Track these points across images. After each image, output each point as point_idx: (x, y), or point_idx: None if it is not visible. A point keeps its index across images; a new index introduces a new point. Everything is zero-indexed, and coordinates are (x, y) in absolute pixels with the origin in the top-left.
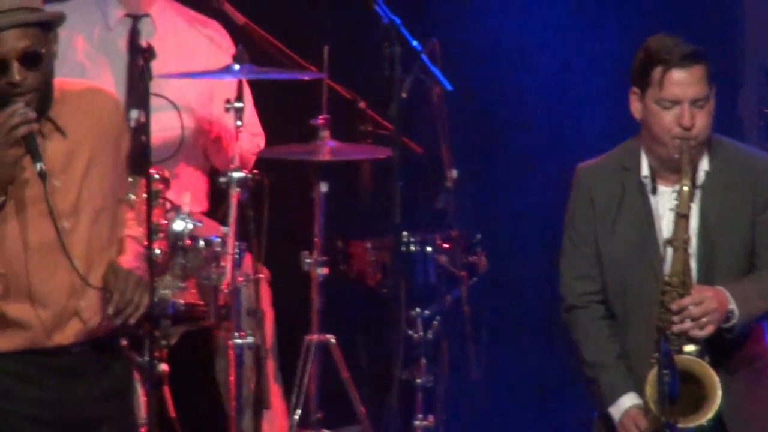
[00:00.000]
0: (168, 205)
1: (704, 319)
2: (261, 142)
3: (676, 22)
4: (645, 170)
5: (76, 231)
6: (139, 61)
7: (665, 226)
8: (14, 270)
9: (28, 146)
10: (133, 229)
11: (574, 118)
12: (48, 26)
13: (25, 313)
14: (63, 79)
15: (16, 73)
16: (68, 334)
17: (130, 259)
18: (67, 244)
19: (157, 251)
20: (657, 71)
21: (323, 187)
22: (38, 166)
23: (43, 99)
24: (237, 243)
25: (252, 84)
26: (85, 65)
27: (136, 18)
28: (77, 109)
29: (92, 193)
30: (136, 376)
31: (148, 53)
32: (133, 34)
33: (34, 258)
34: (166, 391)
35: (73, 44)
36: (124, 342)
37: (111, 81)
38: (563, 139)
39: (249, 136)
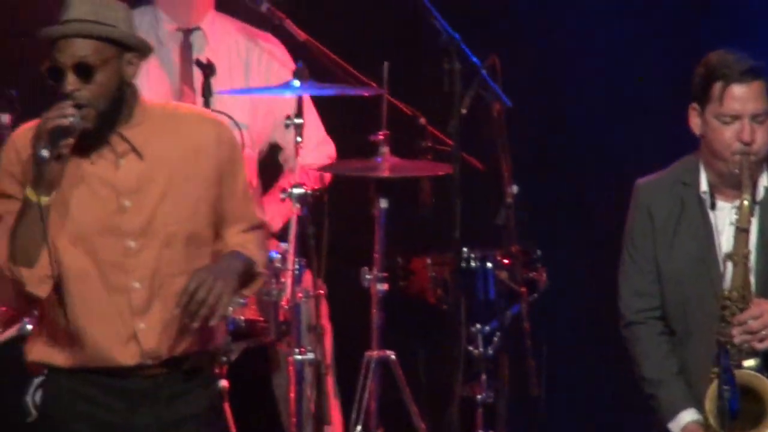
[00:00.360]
0: None
1: (764, 332)
2: (331, 150)
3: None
4: (704, 185)
5: (143, 253)
6: (199, 76)
7: (724, 241)
8: (76, 285)
9: (51, 139)
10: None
11: (634, 133)
12: (123, 46)
13: (83, 329)
14: (170, 103)
15: (69, 83)
16: (127, 356)
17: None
18: (131, 265)
19: None
20: (717, 87)
21: (383, 203)
22: (43, 152)
23: (104, 116)
24: (297, 259)
25: (313, 100)
26: (142, 80)
27: (187, 32)
28: (166, 132)
29: (167, 218)
30: None
31: (209, 69)
32: (185, 49)
33: (96, 274)
34: (226, 407)
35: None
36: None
37: (169, 96)
38: (623, 155)
39: (314, 147)
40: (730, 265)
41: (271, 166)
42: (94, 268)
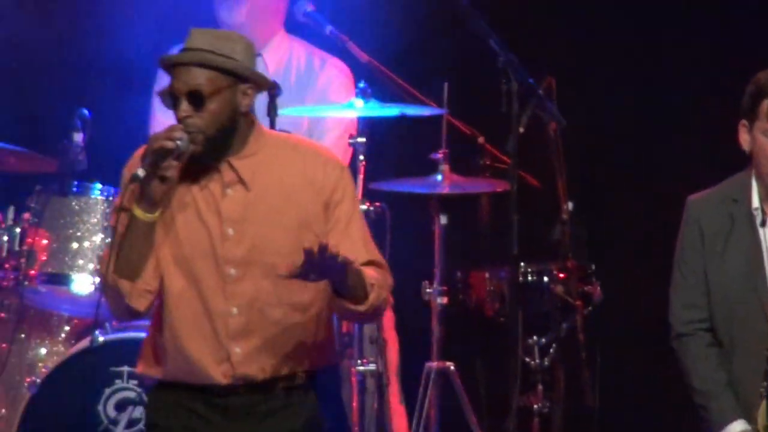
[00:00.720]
0: None
1: None
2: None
3: None
4: (755, 202)
5: (242, 281)
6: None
7: None
8: (177, 304)
9: (153, 159)
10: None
11: (688, 150)
12: (238, 77)
13: (182, 346)
14: (292, 136)
15: (182, 109)
16: (220, 376)
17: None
18: (230, 292)
19: None
20: (765, 104)
21: (443, 219)
22: (139, 171)
23: (213, 143)
24: None
25: (375, 119)
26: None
27: None
28: (277, 164)
29: (267, 249)
30: None
31: (274, 89)
32: None
33: (196, 296)
34: None
35: None
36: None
37: None
38: (676, 171)
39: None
40: None
41: None
42: (195, 291)
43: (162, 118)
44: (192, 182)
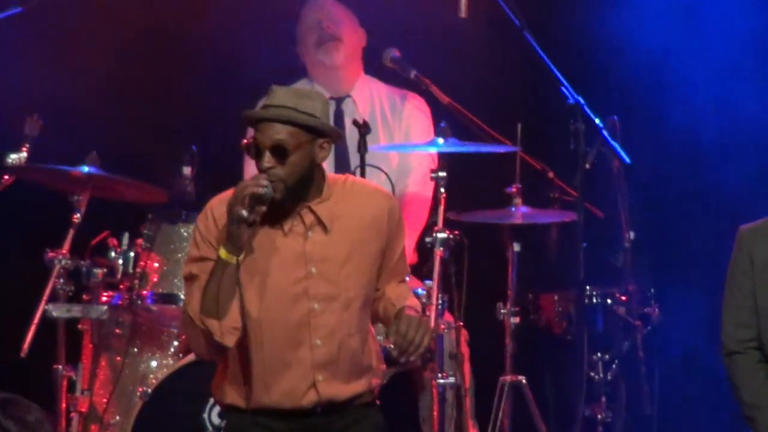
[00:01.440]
0: None
1: None
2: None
3: None
4: None
5: (325, 314)
6: (354, 135)
7: None
8: (267, 338)
9: (248, 203)
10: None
11: (739, 184)
12: (317, 132)
13: (269, 376)
14: (348, 177)
15: (266, 160)
16: (305, 401)
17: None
18: (315, 324)
19: None
20: None
21: (516, 247)
22: (243, 212)
23: (293, 191)
24: (440, 295)
25: (454, 155)
26: None
27: (339, 99)
28: (347, 205)
29: (347, 284)
30: None
31: (365, 128)
32: (338, 115)
33: (284, 330)
34: None
35: None
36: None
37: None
38: (725, 203)
39: (422, 183)
40: None
41: None
42: (283, 325)
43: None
44: (274, 226)
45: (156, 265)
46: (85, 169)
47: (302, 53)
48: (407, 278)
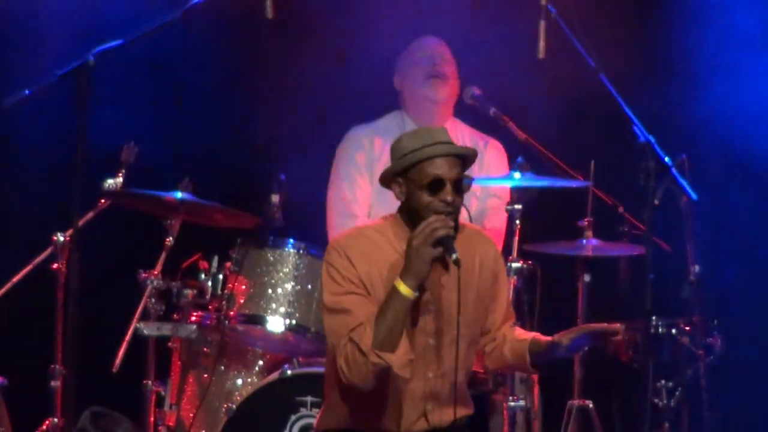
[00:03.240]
0: None
1: None
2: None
3: None
4: None
5: (438, 349)
6: None
7: None
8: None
9: (446, 244)
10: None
11: None
12: (465, 161)
13: (390, 404)
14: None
15: (449, 193)
16: (416, 428)
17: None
18: (429, 359)
19: None
20: None
21: (586, 278)
22: (454, 256)
23: (457, 222)
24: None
25: (530, 189)
26: None
27: None
28: (464, 246)
29: (477, 315)
30: None
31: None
32: None
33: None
34: None
35: (376, 166)
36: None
37: None
38: None
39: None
40: None
41: None
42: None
43: (346, 188)
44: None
45: (243, 287)
46: (179, 195)
47: (402, 82)
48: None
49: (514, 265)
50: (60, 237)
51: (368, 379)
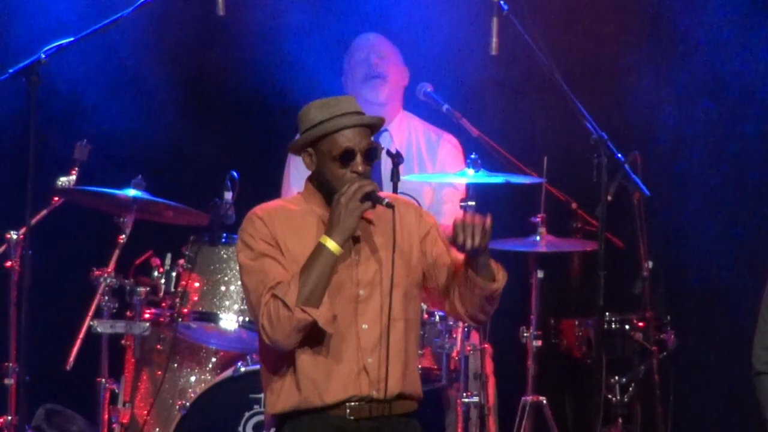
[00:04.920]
0: None
1: None
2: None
3: None
4: None
5: (371, 300)
6: (388, 165)
7: None
8: (320, 329)
9: (373, 197)
10: None
11: (761, 217)
12: (372, 129)
13: (326, 369)
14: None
15: (360, 164)
16: (358, 385)
17: None
18: (361, 310)
19: None
20: None
21: (539, 274)
22: (385, 201)
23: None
24: None
25: (483, 186)
26: None
27: (377, 134)
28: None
29: (398, 275)
30: None
31: (398, 158)
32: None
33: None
34: None
35: None
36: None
37: None
38: (742, 234)
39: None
40: None
41: None
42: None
43: (296, 175)
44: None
45: (196, 284)
46: (131, 192)
47: (347, 85)
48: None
49: None
50: (13, 235)
51: (291, 335)
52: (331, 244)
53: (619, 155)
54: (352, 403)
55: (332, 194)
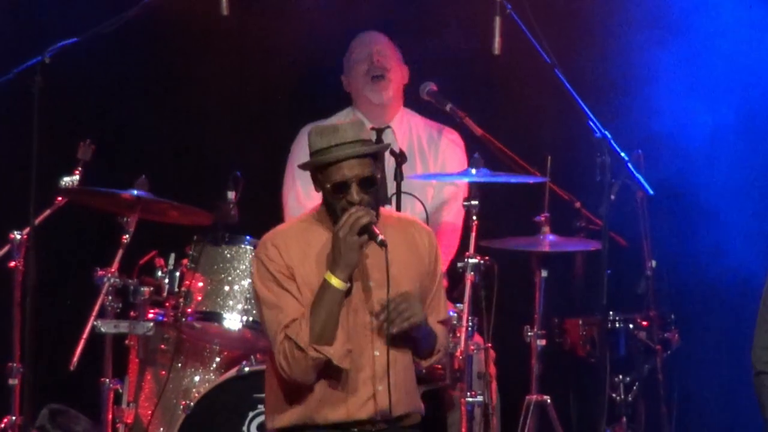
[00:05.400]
0: None
1: None
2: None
3: None
4: None
5: (381, 327)
6: (392, 163)
7: None
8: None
9: (369, 230)
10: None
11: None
12: (377, 157)
13: (339, 391)
14: (393, 212)
15: (355, 193)
16: (363, 413)
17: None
18: (374, 336)
19: None
20: None
21: (543, 273)
22: (379, 238)
23: (377, 211)
24: (470, 318)
25: (486, 185)
26: None
27: (380, 130)
28: (394, 231)
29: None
30: None
31: (401, 158)
32: (378, 143)
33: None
34: None
35: None
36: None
37: None
38: (746, 233)
39: (457, 213)
40: None
41: None
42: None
43: (300, 185)
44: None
45: (200, 284)
46: (135, 192)
47: (349, 83)
48: (446, 323)
49: (472, 261)
50: (17, 235)
51: (309, 373)
52: (335, 281)
53: (623, 154)
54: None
55: (336, 217)
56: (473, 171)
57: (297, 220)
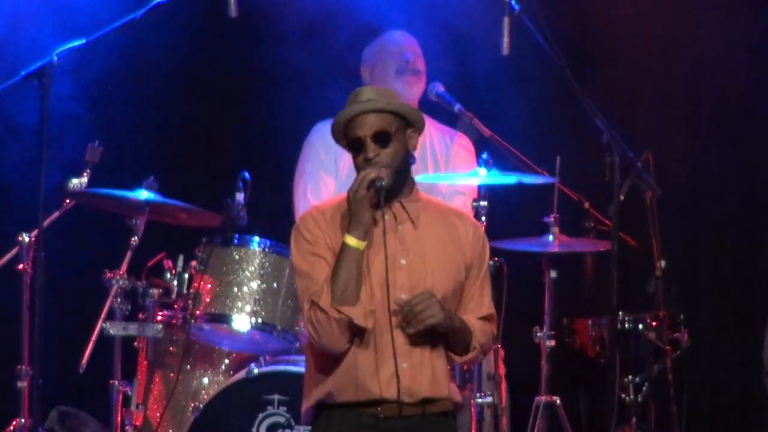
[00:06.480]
0: None
1: None
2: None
3: None
4: None
5: None
6: None
7: None
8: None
9: (376, 188)
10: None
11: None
12: (405, 120)
13: (362, 367)
14: (441, 200)
15: (370, 150)
16: (389, 391)
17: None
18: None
19: None
20: None
21: (553, 274)
22: (378, 183)
23: (396, 176)
24: None
25: (496, 186)
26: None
27: None
28: (434, 213)
29: (432, 280)
30: None
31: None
32: None
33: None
34: None
35: (340, 161)
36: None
37: None
38: (755, 233)
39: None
40: None
41: None
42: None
43: (310, 183)
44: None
45: (209, 286)
46: (143, 194)
47: (373, 77)
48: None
49: None
50: (25, 237)
51: (335, 337)
52: (352, 240)
53: (632, 154)
54: (384, 405)
55: None
56: (482, 171)
57: (338, 198)
